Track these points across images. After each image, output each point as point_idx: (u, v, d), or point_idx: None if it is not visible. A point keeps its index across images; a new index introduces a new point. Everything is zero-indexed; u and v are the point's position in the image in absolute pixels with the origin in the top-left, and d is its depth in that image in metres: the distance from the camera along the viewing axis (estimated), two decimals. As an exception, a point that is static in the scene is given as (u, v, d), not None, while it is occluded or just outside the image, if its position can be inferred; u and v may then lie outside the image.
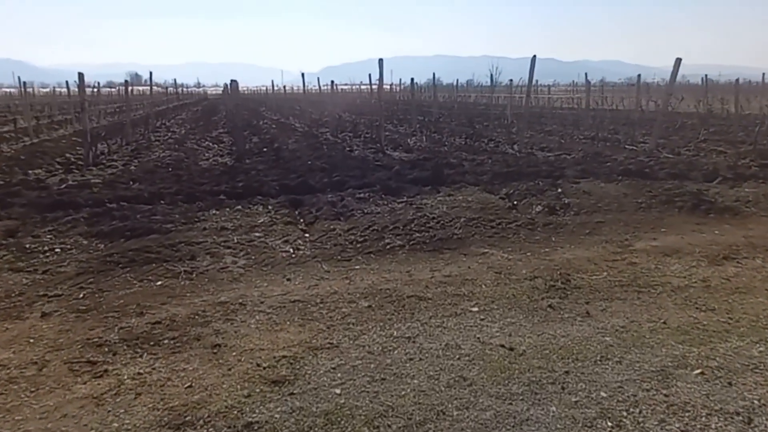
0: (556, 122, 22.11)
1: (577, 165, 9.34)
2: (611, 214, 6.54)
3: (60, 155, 12.06)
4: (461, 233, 5.78)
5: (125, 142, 15.08)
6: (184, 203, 6.62)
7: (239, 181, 7.88)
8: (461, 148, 12.79)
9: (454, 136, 16.49)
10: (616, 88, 48.38)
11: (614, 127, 19.26)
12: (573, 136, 16.14)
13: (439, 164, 9.54)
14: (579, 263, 4.98)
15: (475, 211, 6.42)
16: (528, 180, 7.97)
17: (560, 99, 36.32)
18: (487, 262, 5.04)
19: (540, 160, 10.11)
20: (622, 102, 32.02)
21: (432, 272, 4.77)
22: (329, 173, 8.50)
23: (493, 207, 6.58)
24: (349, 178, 8.06)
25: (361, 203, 6.68)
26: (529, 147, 13.25)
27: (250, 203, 6.71)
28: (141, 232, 5.43)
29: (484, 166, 9.45)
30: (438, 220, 6.02)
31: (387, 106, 32.97)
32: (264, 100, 50.97)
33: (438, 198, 6.95)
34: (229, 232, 5.71)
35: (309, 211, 6.49)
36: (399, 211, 6.34)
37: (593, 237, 5.85)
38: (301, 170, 8.99)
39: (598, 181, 7.90)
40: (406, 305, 4.05)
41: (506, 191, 7.42)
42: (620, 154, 11.33)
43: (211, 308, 3.95)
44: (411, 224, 5.92)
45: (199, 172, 8.98)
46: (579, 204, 6.82)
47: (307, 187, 7.56)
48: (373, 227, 5.86)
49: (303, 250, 5.39)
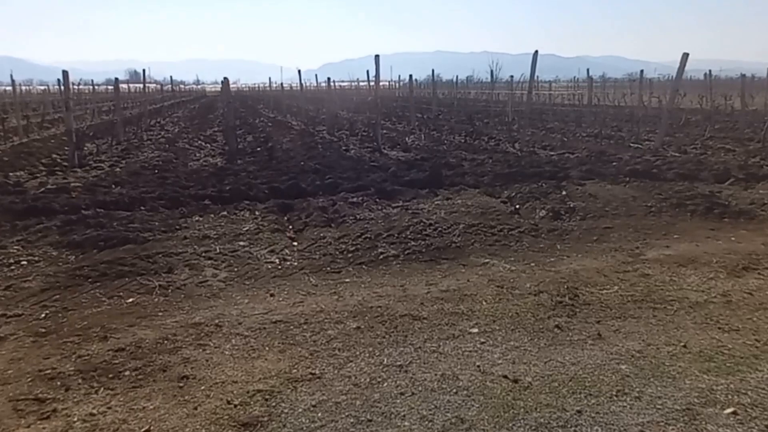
0: (558, 119, 21.71)
1: (581, 165, 8.96)
2: (619, 219, 6.16)
3: (46, 156, 11.68)
4: (460, 241, 5.40)
5: (116, 141, 14.71)
6: (166, 209, 6.24)
7: (227, 184, 7.50)
8: (461, 147, 12.40)
9: (453, 134, 16.10)
10: (617, 84, 47.89)
11: (617, 124, 18.87)
12: (575, 133, 15.76)
13: (438, 165, 9.16)
14: (587, 275, 4.60)
15: (474, 216, 6.04)
16: (531, 181, 7.59)
17: (561, 95, 35.91)
18: (488, 274, 4.66)
19: (543, 160, 9.73)
20: (624, 98, 31.61)
21: (428, 286, 4.39)
22: (322, 175, 8.12)
23: (494, 212, 6.20)
24: (342, 180, 7.68)
25: (354, 208, 6.30)
26: (531, 145, 12.86)
27: (237, 208, 6.34)
28: (116, 241, 5.05)
29: (485, 166, 9.07)
30: (435, 227, 5.64)
31: (386, 103, 32.57)
32: (263, 97, 50.56)
33: (435, 202, 6.57)
34: (212, 241, 5.33)
35: (298, 217, 6.11)
36: (394, 216, 5.96)
37: (601, 244, 5.47)
38: (293, 171, 8.61)
39: (605, 183, 7.52)
40: (399, 326, 3.67)
41: (508, 194, 7.04)
42: (625, 153, 10.94)
43: (183, 331, 3.58)
44: (406, 231, 5.54)
45: (187, 174, 8.60)
46: (585, 208, 6.44)
47: (298, 191, 7.18)
48: (365, 235, 5.48)
49: (290, 260, 5.01)
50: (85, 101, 33.38)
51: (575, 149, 11.90)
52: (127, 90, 41.22)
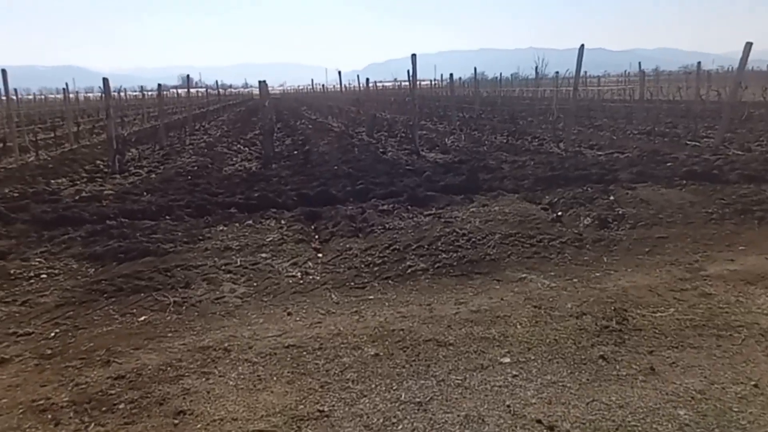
0: (607, 116, 20.71)
1: (631, 166, 8.31)
2: (675, 228, 5.58)
3: (90, 162, 11.93)
4: (495, 253, 4.98)
5: (159, 146, 14.97)
6: (192, 218, 6.10)
7: (256, 191, 7.32)
8: (501, 148, 11.87)
9: (495, 134, 15.54)
10: (672, 78, 45.63)
11: (672, 120, 17.80)
12: (626, 131, 14.88)
13: (475, 168, 8.71)
14: (638, 294, 4.11)
15: (512, 225, 5.60)
16: (575, 186, 7.06)
17: (610, 90, 34.41)
18: (525, 292, 4.24)
19: (589, 161, 9.12)
20: (680, 92, 29.99)
21: (457, 306, 4.02)
22: (354, 180, 7.83)
23: (534, 220, 5.74)
24: (374, 186, 7.37)
25: (384, 216, 5.97)
26: (577, 145, 12.19)
27: (263, 217, 6.13)
28: (136, 253, 4.91)
29: (526, 168, 8.56)
30: (469, 238, 5.24)
31: (427, 103, 32.11)
32: (306, 99, 51.01)
33: (471, 209, 6.16)
34: (233, 252, 5.12)
35: (325, 226, 5.84)
36: (425, 226, 5.60)
37: (654, 257, 4.93)
38: (325, 176, 8.37)
39: (658, 186, 6.90)
40: (422, 353, 3.32)
41: (549, 200, 6.55)
42: (681, 152, 10.15)
43: (189, 356, 3.34)
44: (437, 242, 5.17)
45: (219, 180, 8.49)
46: (636, 215, 5.88)
47: (327, 198, 6.91)
48: (394, 246, 5.14)
49: (312, 274, 4.73)
50: (137, 107, 34.44)
51: (625, 148, 11.17)
52: (176, 95, 42.42)
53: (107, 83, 10.44)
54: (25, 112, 35.39)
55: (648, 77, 31.50)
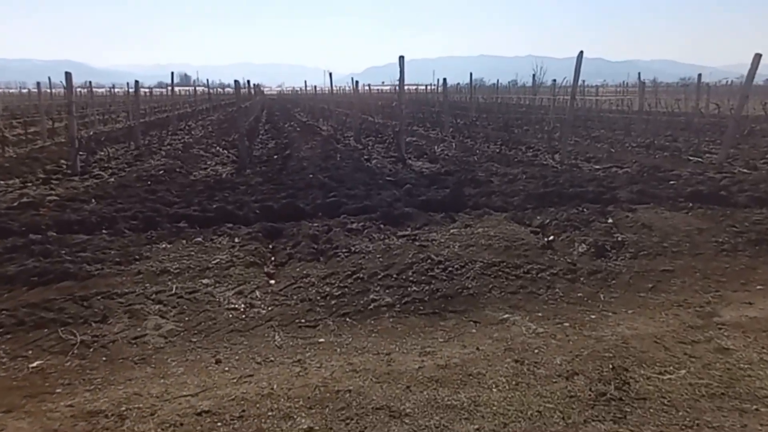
0: (605, 127, 20.11)
1: (631, 184, 7.63)
2: (682, 260, 4.89)
3: (54, 162, 11.17)
4: (474, 287, 4.28)
5: (135, 146, 14.24)
6: (134, 232, 5.37)
7: (217, 201, 6.61)
8: (493, 158, 11.19)
9: (488, 143, 14.89)
10: (670, 89, 45.21)
11: (672, 133, 17.20)
12: (624, 143, 14.25)
13: (462, 181, 8.02)
14: (641, 346, 3.41)
15: (496, 251, 4.89)
16: (569, 205, 6.37)
17: (609, 101, 33.88)
18: (506, 339, 3.54)
19: (585, 176, 8.44)
20: (678, 104, 29.50)
21: (422, 357, 3.31)
22: (327, 191, 7.12)
23: (522, 245, 5.03)
24: (348, 199, 6.66)
25: (352, 237, 5.25)
26: (573, 157, 11.52)
27: (216, 233, 5.40)
28: (53, 277, 4.18)
29: (517, 183, 7.87)
30: (445, 266, 4.54)
31: (423, 108, 31.45)
32: (301, 101, 50.23)
33: (451, 231, 5.45)
34: (170, 277, 4.39)
35: (284, 246, 5.12)
36: (396, 250, 4.88)
37: (659, 296, 4.24)
38: (298, 186, 7.66)
39: (661, 209, 6.22)
40: (369, 428, 2.61)
41: (541, 221, 5.85)
42: (684, 168, 9.50)
43: (71, 425, 2.62)
44: (408, 271, 4.46)
45: (181, 187, 7.76)
46: (637, 242, 5.19)
47: (293, 212, 6.20)
48: (358, 274, 4.43)
49: (258, 307, 4.02)
50: (125, 104, 33.61)
51: (624, 162, 10.51)
52: (168, 93, 41.54)
53: (69, 78, 9.69)
54: (3, 107, 34.49)
55: (647, 88, 31.00)
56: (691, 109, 27.42)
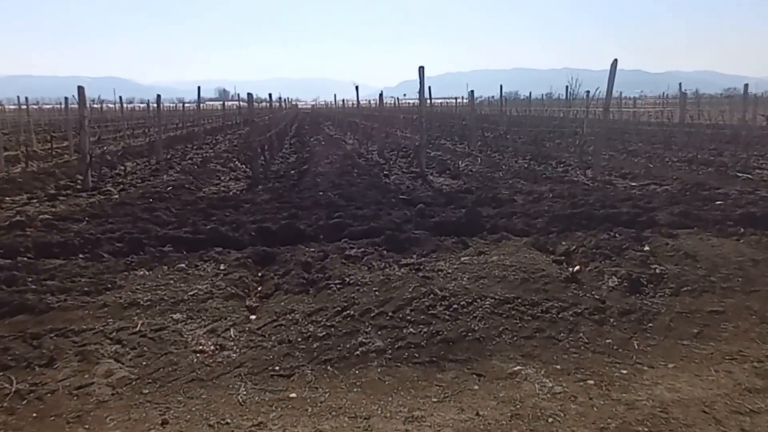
0: (643, 140, 19.09)
1: (672, 204, 6.85)
2: (734, 297, 4.14)
3: (70, 177, 11.08)
4: (481, 329, 3.65)
5: (157, 161, 14.15)
6: (115, 256, 4.95)
7: (213, 221, 6.17)
8: (519, 174, 10.49)
9: (517, 157, 14.19)
10: (713, 101, 43.33)
11: (716, 146, 16.12)
12: (664, 158, 13.31)
13: (482, 200, 7.38)
14: (686, 417, 2.72)
15: (511, 285, 4.25)
16: (600, 229, 5.66)
17: (647, 113, 32.54)
18: (513, 400, 2.90)
19: (619, 195, 7.67)
20: (722, 116, 28.07)
21: (407, 425, 2.70)
22: (333, 211, 6.60)
23: (542, 278, 4.37)
24: (354, 220, 6.12)
25: (349, 265, 4.69)
26: (607, 173, 10.73)
27: (203, 258, 4.92)
28: (8, 309, 3.76)
29: (542, 203, 7.18)
30: (449, 303, 3.92)
31: (452, 121, 30.85)
32: (332, 114, 50.37)
33: (462, 259, 4.82)
34: (139, 310, 3.92)
35: (274, 274, 4.61)
36: (396, 282, 4.29)
37: (706, 345, 3.52)
38: (304, 204, 7.17)
39: (707, 234, 5.44)
40: None
41: (566, 248, 5.17)
42: (731, 186, 8.61)
43: None
44: (406, 308, 3.86)
45: (182, 205, 7.37)
46: (679, 275, 4.45)
47: (292, 234, 5.70)
48: (348, 311, 3.86)
49: (230, 349, 3.49)
50: (154, 118, 34.13)
51: (663, 179, 9.66)
52: (199, 108, 42.17)
53: (82, 91, 9.52)
54: (45, 121, 35.41)
55: (688, 100, 29.60)
56: (736, 121, 25.99)
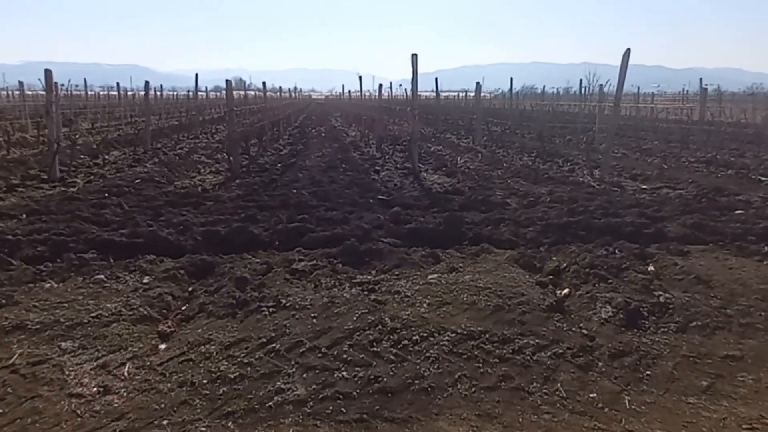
0: (659, 138, 18.11)
1: (684, 213, 6.03)
2: (755, 338, 3.35)
3: (44, 166, 10.44)
4: (433, 375, 2.91)
5: (143, 150, 13.59)
6: (29, 262, 4.29)
7: (159, 221, 5.49)
8: (520, 173, 9.67)
9: (523, 153, 13.36)
10: (735, 98, 41.77)
11: (737, 146, 15.12)
12: (680, 158, 12.37)
13: (470, 203, 6.61)
14: None
15: (481, 314, 3.50)
16: (599, 242, 4.88)
17: (666, 109, 31.27)
18: (455, 489, 2.17)
19: (625, 201, 6.84)
20: (745, 115, 26.84)
21: None
22: (298, 212, 5.89)
23: (520, 305, 3.61)
24: (317, 224, 5.41)
25: (293, 282, 3.98)
26: (617, 173, 9.88)
27: (128, 268, 4.24)
28: None
29: (537, 207, 6.39)
30: (399, 337, 3.19)
31: (463, 115, 29.91)
32: (343, 105, 49.55)
33: (429, 277, 4.08)
34: (24, 336, 3.24)
35: (205, 291, 3.91)
36: (341, 306, 3.56)
37: (719, 404, 2.75)
38: (271, 204, 6.47)
39: (724, 253, 4.64)
40: None
41: (555, 265, 4.40)
42: (754, 192, 7.74)
43: None
44: (345, 343, 3.14)
45: (138, 201, 6.70)
46: (687, 305, 3.67)
47: (243, 239, 4.99)
48: (275, 343, 3.15)
49: (116, 393, 2.80)
50: (165, 106, 33.61)
51: (678, 182, 8.79)
52: (197, 95, 41.49)
53: (49, 75, 8.90)
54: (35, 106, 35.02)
55: (709, 97, 28.37)
56: (760, 119, 24.77)
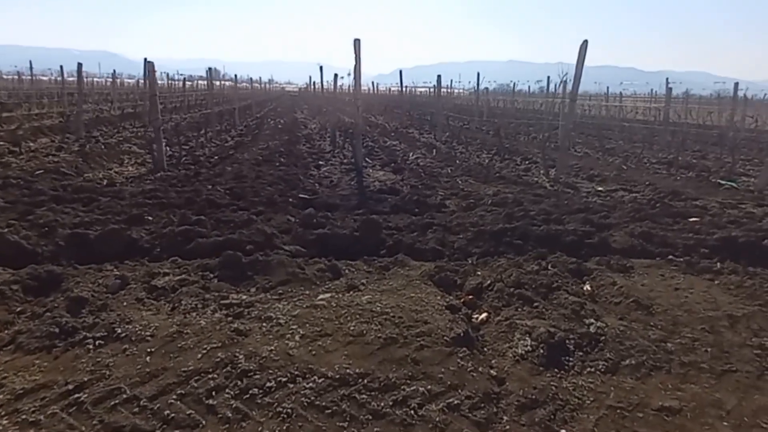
0: (625, 137, 17.81)
1: (635, 219, 5.45)
2: (697, 383, 2.71)
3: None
4: (277, 442, 2.19)
5: (76, 138, 12.57)
6: None
7: (26, 221, 4.64)
8: (471, 171, 9.02)
9: (482, 150, 12.78)
10: (703, 101, 42.19)
11: (701, 148, 14.86)
12: (642, 158, 11.93)
13: (403, 204, 5.92)
14: None
15: (365, 350, 2.78)
16: (533, 254, 4.23)
17: (635, 109, 31.21)
18: None
19: (574, 205, 6.23)
20: (710, 117, 26.90)
21: None
22: (198, 212, 5.11)
23: (420, 336, 2.91)
24: (213, 228, 4.65)
25: (145, 302, 3.21)
26: (574, 173, 9.33)
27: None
28: None
29: (475, 211, 5.74)
30: (249, 384, 2.45)
31: (431, 110, 29.30)
32: (312, 98, 48.45)
33: (318, 298, 3.35)
34: None
35: (32, 313, 3.11)
36: (191, 337, 2.79)
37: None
38: (176, 202, 5.67)
39: (671, 268, 4.04)
40: None
41: (476, 282, 3.73)
42: (712, 197, 7.24)
43: None
44: (176, 391, 2.39)
45: (22, 195, 5.78)
46: (622, 337, 3.02)
47: (118, 245, 4.19)
48: (86, 389, 2.39)
49: None
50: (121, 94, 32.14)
51: (635, 184, 8.27)
52: (183, 86, 39.94)
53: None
54: None
55: (675, 98, 28.32)
56: (725, 122, 24.80)
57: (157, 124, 8.35)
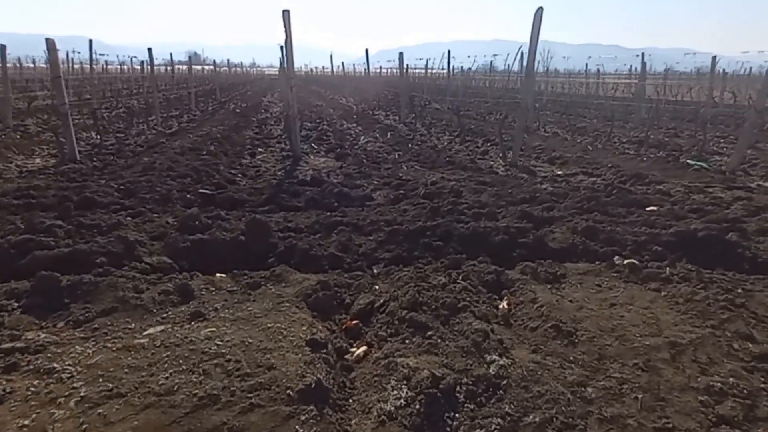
0: (599, 115, 17.15)
1: (584, 211, 4.72)
2: (619, 454, 1.99)
3: None
4: None
5: (2, 128, 11.54)
6: None
7: None
8: (419, 156, 8.23)
9: (445, 132, 11.99)
10: (683, 77, 41.61)
11: (675, 125, 14.21)
12: (612, 137, 11.22)
13: (318, 198, 5.13)
14: None
15: (163, 419, 2.01)
16: (448, 260, 3.47)
17: (615, 86, 30.50)
18: None
19: (519, 194, 5.46)
20: (690, 93, 26.33)
21: None
22: (64, 214, 4.28)
23: (252, 391, 2.15)
24: (65, 236, 3.82)
25: None
26: (535, 156, 8.59)
27: None
28: None
29: (399, 205, 4.96)
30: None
31: (406, 92, 28.37)
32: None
33: (145, 333, 2.56)
34: None
35: None
36: None
37: None
38: (47, 202, 4.82)
39: (611, 274, 3.30)
40: None
41: (367, 302, 2.97)
42: (678, 179, 6.55)
43: None
44: None
45: None
46: (528, 380, 2.28)
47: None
48: None
49: None
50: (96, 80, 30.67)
51: (598, 167, 7.55)
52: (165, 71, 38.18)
53: None
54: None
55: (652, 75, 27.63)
56: (704, 98, 24.23)
57: (63, 110, 7.42)
